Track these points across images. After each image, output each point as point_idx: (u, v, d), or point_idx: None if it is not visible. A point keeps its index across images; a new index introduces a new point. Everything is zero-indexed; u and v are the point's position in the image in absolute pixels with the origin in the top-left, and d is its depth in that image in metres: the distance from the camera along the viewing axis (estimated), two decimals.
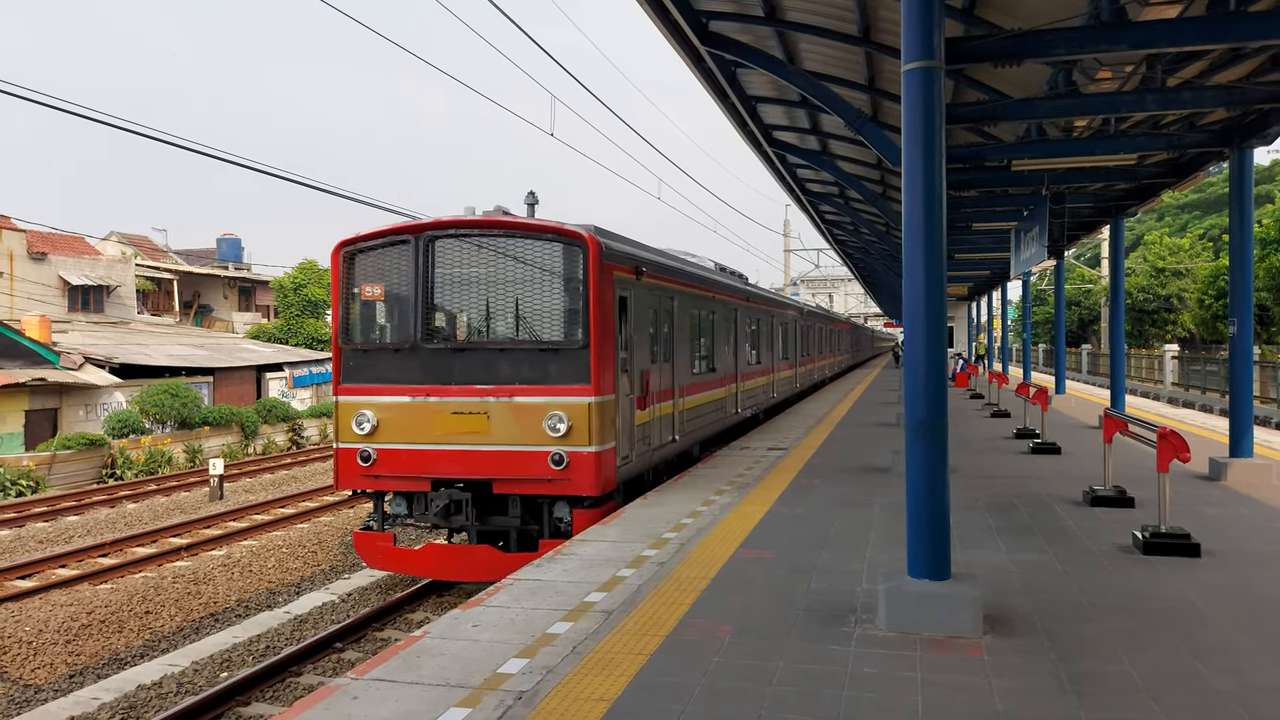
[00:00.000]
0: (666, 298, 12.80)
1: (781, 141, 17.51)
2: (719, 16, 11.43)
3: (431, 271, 10.18)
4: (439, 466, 10.05)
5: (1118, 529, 8.91)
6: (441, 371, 10.10)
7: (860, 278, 52.07)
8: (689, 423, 13.94)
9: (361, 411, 10.26)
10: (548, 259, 9.97)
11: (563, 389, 9.75)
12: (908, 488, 6.19)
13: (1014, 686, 5.00)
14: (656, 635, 5.88)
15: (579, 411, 9.69)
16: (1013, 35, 8.17)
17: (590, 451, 9.68)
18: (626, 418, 10.73)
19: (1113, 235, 19.69)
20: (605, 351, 9.94)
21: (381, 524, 10.65)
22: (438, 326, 10.27)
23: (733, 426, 18.03)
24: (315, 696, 5.03)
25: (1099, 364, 49.06)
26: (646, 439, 11.60)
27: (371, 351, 10.46)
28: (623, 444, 10.54)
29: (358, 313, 10.59)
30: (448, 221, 10.23)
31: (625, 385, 10.69)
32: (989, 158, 13.59)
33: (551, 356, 9.86)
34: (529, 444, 9.79)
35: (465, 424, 9.95)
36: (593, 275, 9.77)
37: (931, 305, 6.13)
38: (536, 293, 10.03)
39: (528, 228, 10.09)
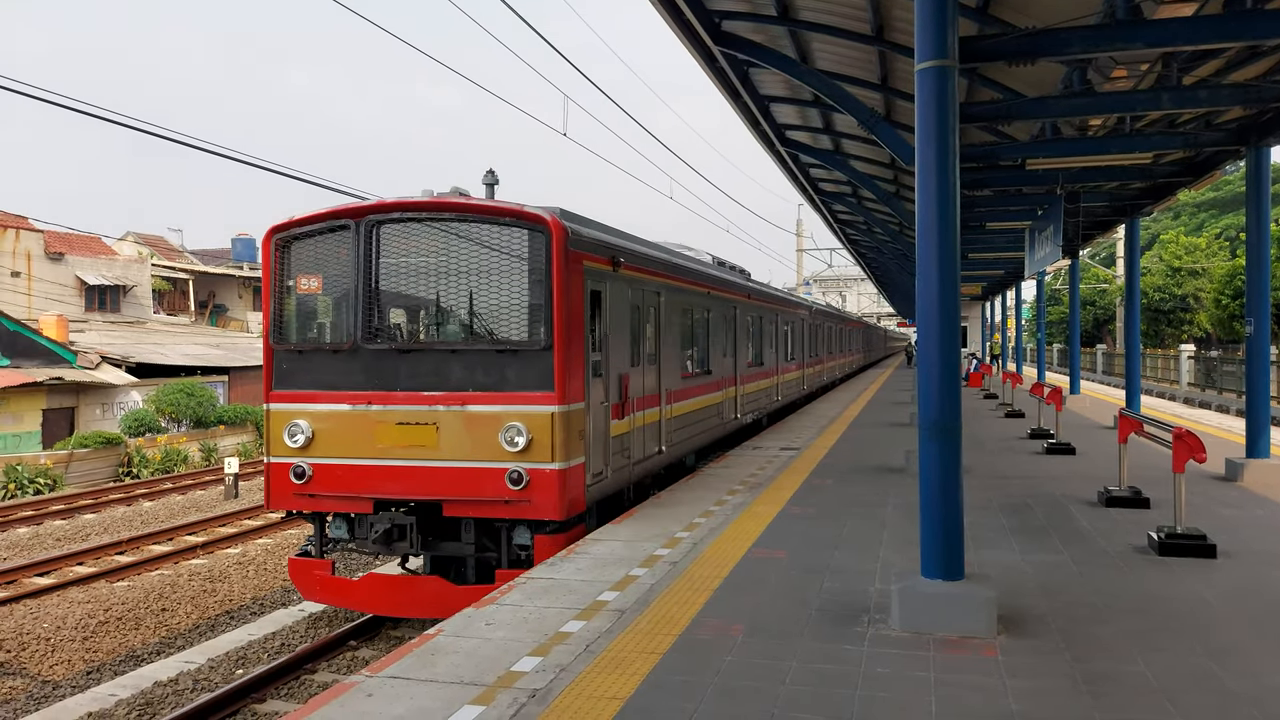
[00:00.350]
0: (651, 293, 11.66)
1: (794, 141, 17.49)
2: (731, 16, 11.43)
3: (374, 260, 8.97)
4: (382, 485, 8.85)
5: (1133, 530, 8.86)
6: (385, 376, 8.92)
7: (873, 277, 51.94)
8: (678, 431, 12.79)
9: (295, 422, 9.06)
10: (505, 246, 8.74)
11: (522, 396, 8.57)
12: (921, 488, 6.18)
13: (1028, 687, 4.99)
14: (669, 634, 5.90)
15: (540, 423, 8.49)
16: (1027, 34, 8.15)
17: (553, 469, 8.46)
18: (599, 429, 9.56)
19: (1128, 234, 19.58)
20: (572, 353, 8.78)
21: (320, 549, 9.42)
22: (381, 324, 9.03)
23: (733, 433, 17.05)
24: (330, 694, 5.07)
25: (1114, 364, 48.74)
26: (625, 451, 10.42)
27: (307, 353, 9.22)
28: (595, 459, 9.39)
29: (292, 308, 9.35)
30: (392, 204, 9.03)
31: (598, 391, 9.54)
32: (1003, 157, 13.53)
33: (510, 359, 8.68)
34: (483, 460, 8.58)
35: (411, 436, 8.77)
36: (557, 265, 8.56)
37: (945, 305, 6.11)
38: (493, 285, 8.76)
39: (481, 210, 8.85)
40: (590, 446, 9.23)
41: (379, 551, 9.21)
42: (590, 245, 9.39)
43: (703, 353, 14.59)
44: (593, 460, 9.32)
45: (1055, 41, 8.07)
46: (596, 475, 9.44)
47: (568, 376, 8.66)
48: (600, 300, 9.71)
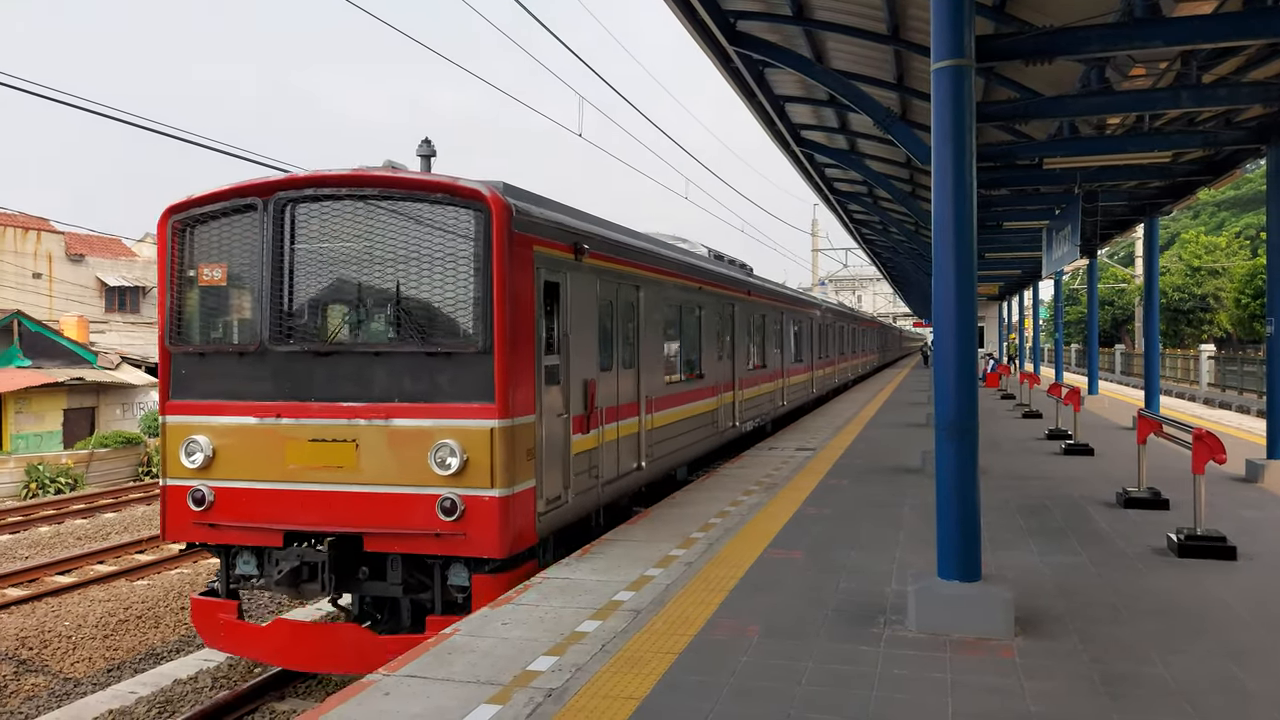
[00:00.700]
0: (628, 286, 10.37)
1: (809, 141, 17.46)
2: (747, 16, 11.43)
3: (285, 246, 7.68)
4: (293, 514, 7.55)
5: (1152, 531, 8.80)
6: (297, 383, 7.62)
7: (889, 277, 51.77)
8: (663, 444, 11.48)
9: (193, 438, 7.74)
10: (436, 227, 7.46)
11: (456, 409, 7.26)
12: (938, 488, 6.16)
13: (1046, 689, 4.97)
14: (685, 634, 5.90)
15: (477, 440, 7.17)
16: (1045, 32, 8.11)
17: (493, 496, 7.14)
18: (557, 445, 8.28)
19: (1147, 234, 19.43)
20: (519, 356, 7.47)
21: (226, 588, 8.00)
22: (293, 322, 7.68)
23: (732, 442, 15.81)
24: (348, 692, 5.10)
25: (1133, 364, 48.39)
26: (593, 470, 9.11)
27: (209, 356, 7.93)
28: (550, 481, 8.08)
29: (193, 303, 8.03)
30: (306, 178, 7.77)
31: (555, 401, 8.26)
32: (1020, 156, 13.47)
33: (442, 363, 7.36)
34: (411, 484, 7.29)
35: (327, 455, 7.46)
36: (498, 250, 7.24)
37: (962, 305, 6.10)
38: (422, 274, 7.45)
39: (408, 185, 7.56)
40: (543, 467, 7.92)
41: (286, 594, 7.94)
42: (544, 228, 8.09)
43: (694, 355, 13.44)
44: (547, 483, 7.99)
45: (1073, 40, 8.03)
46: (552, 501, 8.12)
47: (512, 384, 7.33)
48: (558, 294, 8.44)
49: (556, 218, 8.54)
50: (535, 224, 7.93)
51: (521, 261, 7.61)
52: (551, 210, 8.63)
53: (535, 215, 7.97)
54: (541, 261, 8.02)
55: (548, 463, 8.06)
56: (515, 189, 7.95)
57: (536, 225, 7.95)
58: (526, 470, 7.59)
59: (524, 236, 7.65)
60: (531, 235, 7.81)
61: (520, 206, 7.66)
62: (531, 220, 7.85)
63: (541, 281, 8.03)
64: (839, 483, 11.80)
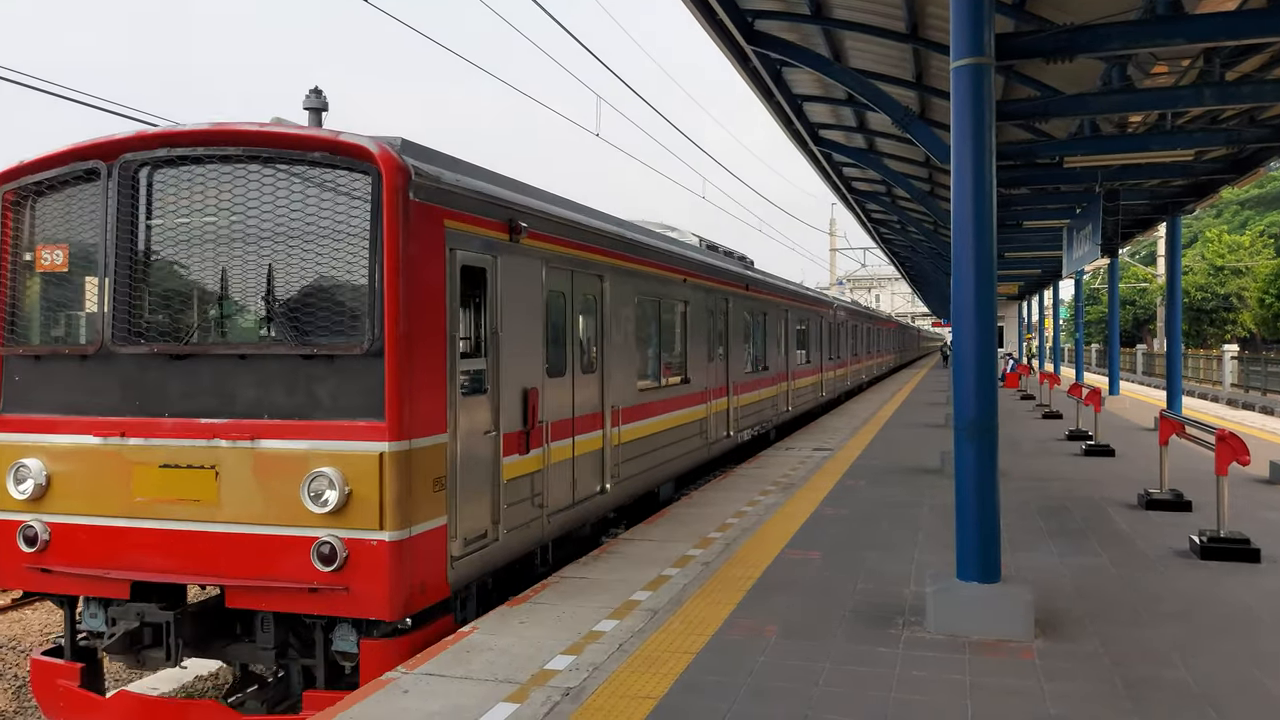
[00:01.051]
0: (588, 276, 8.90)
1: (827, 140, 17.41)
2: (765, 15, 11.40)
3: (133, 221, 6.22)
4: (140, 558, 6.05)
5: (1174, 533, 8.72)
6: (147, 394, 6.15)
7: (907, 277, 51.53)
8: (633, 461, 9.95)
9: (23, 461, 6.29)
10: (314, 196, 6.01)
11: (337, 427, 5.82)
12: (957, 489, 6.13)
13: (1066, 691, 4.93)
14: (702, 634, 5.90)
15: (362, 468, 5.72)
16: (1065, 30, 8.06)
17: (382, 540, 5.68)
18: (481, 470, 6.78)
19: (1169, 232, 19.25)
20: (421, 360, 6.00)
21: (72, 647, 6.50)
22: (143, 317, 6.21)
23: (727, 453, 14.39)
24: (367, 689, 5.13)
25: (1154, 364, 47.96)
26: (536, 498, 7.61)
27: (45, 359, 6.45)
28: (469, 516, 6.56)
29: (31, 294, 6.60)
30: (155, 135, 6.31)
31: (478, 415, 6.78)
32: (1040, 155, 13.38)
33: (322, 370, 5.90)
34: (281, 524, 5.82)
35: (182, 485, 5.99)
36: (392, 223, 5.80)
37: (981, 304, 6.07)
38: (298, 256, 6.00)
39: (277, 141, 6.07)
40: (459, 498, 6.41)
41: (126, 662, 6.50)
42: (463, 198, 6.59)
43: (677, 356, 11.98)
44: (464, 519, 6.49)
45: (1094, 38, 7.97)
46: (474, 540, 6.64)
47: (410, 395, 5.85)
48: (485, 282, 6.94)
49: (481, 187, 6.92)
50: (448, 193, 6.40)
51: (426, 239, 6.12)
52: (475, 177, 7.00)
53: (448, 182, 6.41)
54: (458, 240, 6.48)
55: (466, 493, 6.53)
56: (421, 148, 6.41)
57: (450, 194, 6.43)
58: (433, 505, 6.09)
59: (430, 208, 6.17)
60: (443, 206, 6.33)
61: (425, 169, 6.15)
62: (442, 188, 6.32)
63: (457, 265, 6.49)
64: (857, 483, 11.76)
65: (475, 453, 6.73)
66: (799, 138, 16.78)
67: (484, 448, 6.88)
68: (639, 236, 10.51)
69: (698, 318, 12.65)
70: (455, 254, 6.49)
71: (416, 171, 6.05)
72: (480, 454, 6.81)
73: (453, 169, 6.69)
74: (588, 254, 8.86)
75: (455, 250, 6.48)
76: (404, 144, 6.17)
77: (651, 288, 10.75)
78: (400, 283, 5.85)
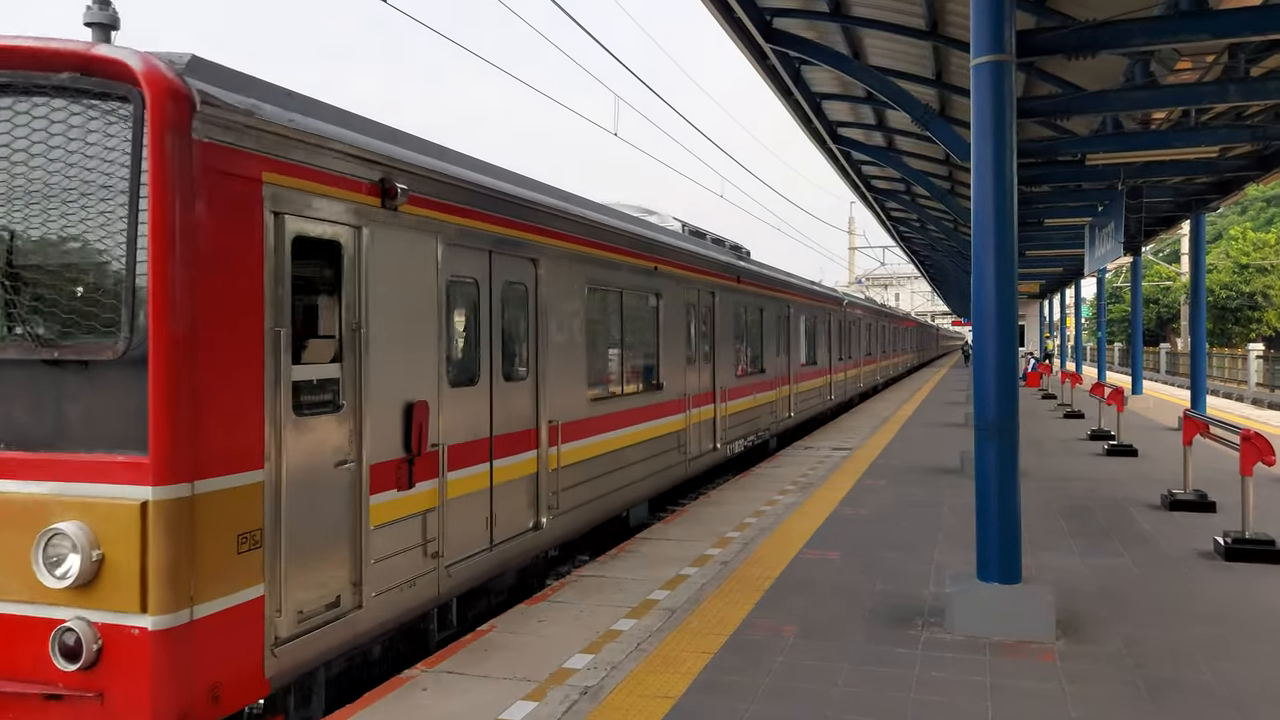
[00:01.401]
0: (513, 260, 7.15)
1: (846, 138, 17.33)
2: (783, 14, 11.36)
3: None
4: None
5: (1198, 534, 8.62)
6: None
7: (927, 275, 51.25)
8: (581, 487, 8.33)
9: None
10: (63, 132, 4.40)
11: (85, 464, 4.26)
12: (977, 489, 6.10)
13: (1088, 694, 4.89)
14: (720, 634, 5.89)
15: (117, 522, 4.15)
16: (1087, 26, 7.98)
17: (147, 628, 4.10)
18: (337, 514, 5.19)
19: (1193, 230, 19.05)
20: (216, 368, 4.41)
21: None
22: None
23: (715, 467, 13.05)
24: (386, 687, 5.16)
25: (1178, 364, 47.45)
26: (431, 544, 5.97)
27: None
28: (311, 580, 4.98)
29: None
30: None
31: (331, 441, 5.17)
32: (1062, 152, 13.24)
33: (73, 381, 4.35)
34: (9, 599, 4.28)
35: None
36: (161, 171, 4.19)
37: (1002, 303, 6.03)
38: (43, 219, 4.46)
39: (13, 57, 4.39)
40: (288, 557, 4.79)
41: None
42: (298, 146, 4.95)
43: (646, 359, 10.43)
44: (299, 585, 4.88)
45: (1117, 34, 7.88)
46: (317, 613, 5.01)
47: (193, 418, 4.26)
48: (339, 261, 5.28)
49: (329, 131, 5.17)
50: (271, 135, 4.74)
51: (227, 196, 4.49)
52: (323, 118, 5.26)
53: (269, 121, 4.71)
54: (289, 202, 4.89)
55: (302, 549, 4.90)
56: (225, 71, 4.72)
57: (276, 138, 4.78)
58: (237, 571, 4.46)
59: (235, 154, 4.53)
60: (260, 153, 4.69)
61: (223, 99, 4.44)
62: (259, 127, 4.66)
63: (287, 236, 4.87)
64: (876, 483, 11.70)
65: (319, 492, 5.05)
66: (818, 136, 16.71)
67: (335, 484, 5.15)
68: (590, 213, 8.71)
69: (674, 313, 11.10)
70: (283, 221, 4.83)
71: (206, 100, 4.30)
72: (328, 493, 5.12)
73: (283, 104, 4.97)
74: (514, 231, 7.14)
75: (283, 216, 4.83)
76: (192, 62, 4.42)
77: (609, 276, 9.14)
78: (174, 258, 4.17)
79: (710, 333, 12.60)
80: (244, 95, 4.68)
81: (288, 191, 4.89)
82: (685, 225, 13.02)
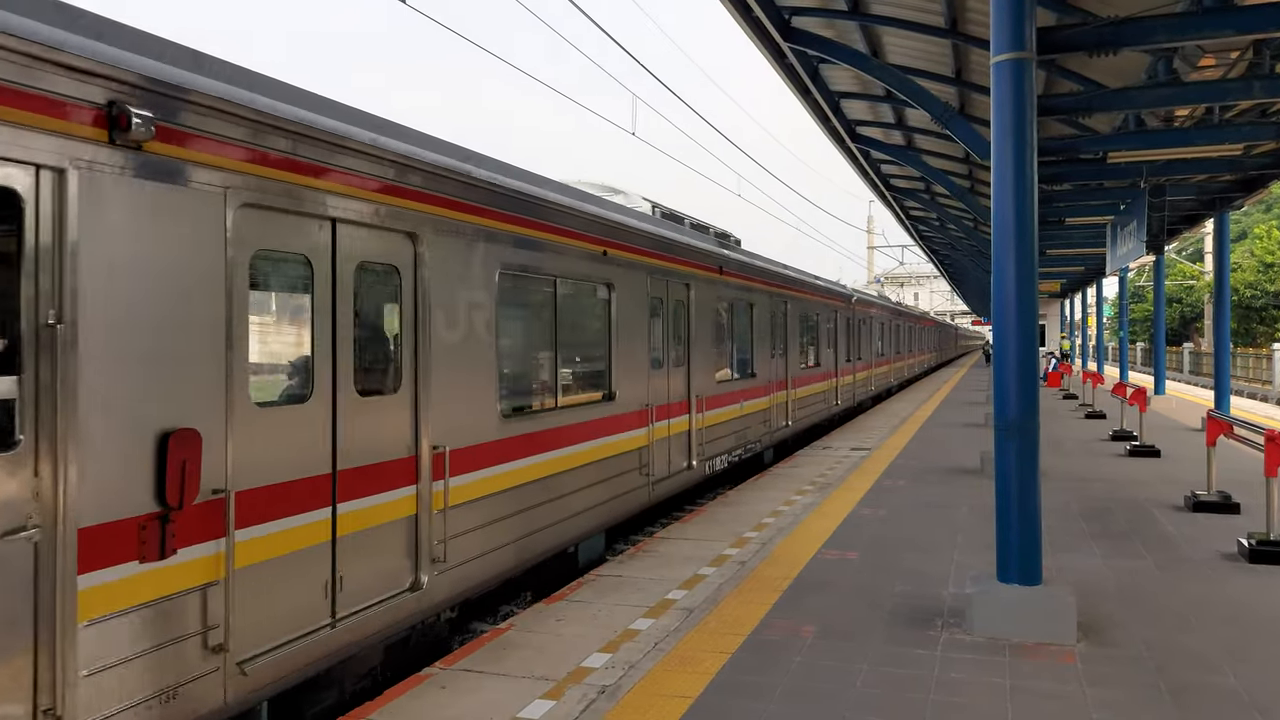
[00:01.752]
0: (376, 234, 5.52)
1: (865, 137, 17.27)
2: (801, 12, 11.34)
3: None
4: None
5: (1221, 536, 8.53)
6: None
7: (946, 275, 50.96)
8: (495, 526, 6.68)
9: None
10: None
11: None
12: (997, 489, 6.06)
13: (1109, 697, 4.85)
14: (738, 634, 5.88)
15: None
16: (1109, 23, 7.92)
17: None
18: (7, 609, 3.53)
19: (1217, 229, 18.86)
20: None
21: None
22: None
23: (692, 487, 11.39)
24: (405, 685, 5.18)
25: (1201, 364, 46.96)
26: (213, 632, 4.34)
27: None
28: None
29: None
30: None
31: (2, 490, 3.53)
32: (1083, 150, 13.14)
33: None
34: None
35: None
36: None
37: (1022, 302, 6.00)
38: None
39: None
40: None
41: None
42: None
43: (590, 364, 8.77)
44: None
45: (1139, 30, 7.82)
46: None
47: None
48: (19, 218, 3.69)
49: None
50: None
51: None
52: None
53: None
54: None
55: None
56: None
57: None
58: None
59: None
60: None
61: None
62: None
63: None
64: (895, 483, 11.65)
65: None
66: (836, 135, 16.66)
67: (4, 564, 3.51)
68: (505, 179, 6.91)
69: (633, 308, 9.29)
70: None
71: None
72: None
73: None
74: (375, 196, 5.45)
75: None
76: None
77: (535, 260, 7.36)
78: None
79: (686, 332, 10.91)
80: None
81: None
82: (656, 207, 11.11)
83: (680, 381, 10.75)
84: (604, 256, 8.59)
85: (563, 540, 7.80)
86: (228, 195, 4.47)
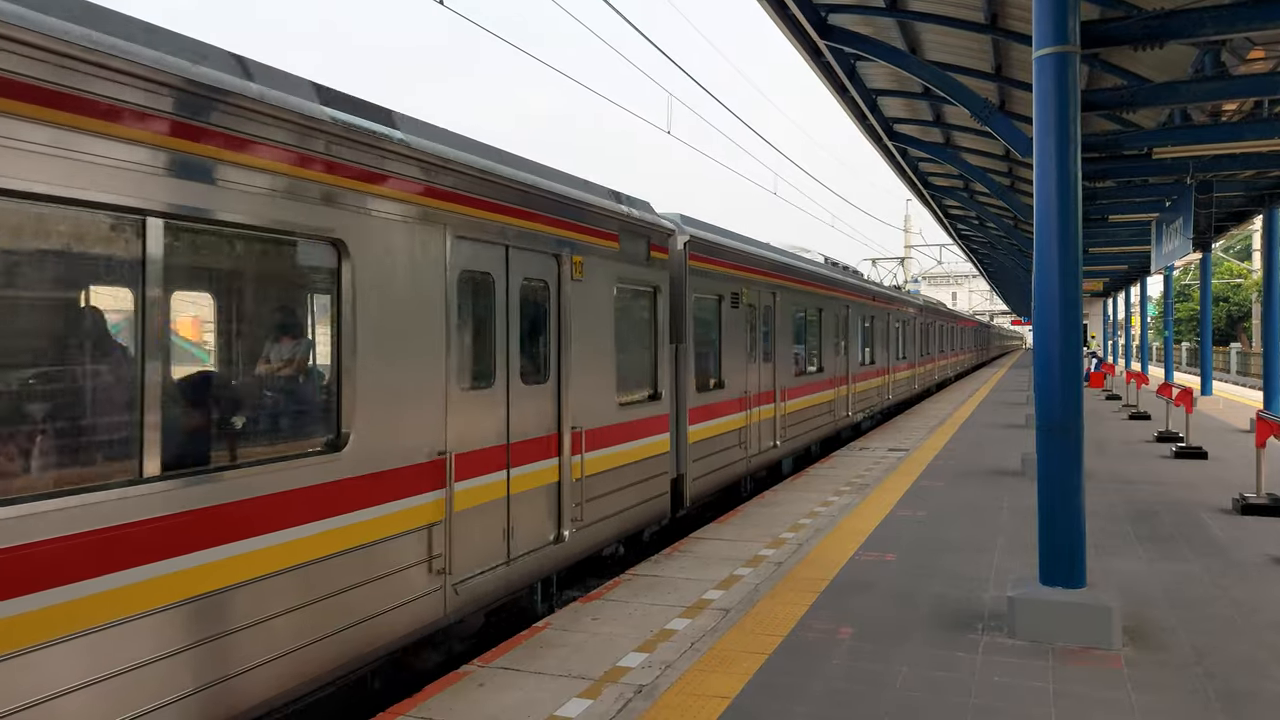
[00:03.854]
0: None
1: (902, 135, 17.11)
2: (838, 9, 11.26)
3: None
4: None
5: (1271, 539, 8.33)
6: None
7: (985, 274, 50.33)
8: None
9: None
10: None
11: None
12: (1039, 491, 5.97)
13: (1156, 703, 4.75)
14: (775, 634, 5.85)
15: None
16: (1155, 15, 7.76)
17: None
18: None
19: (1266, 225, 18.43)
20: None
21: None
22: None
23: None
24: (444, 682, 5.22)
25: (1249, 364, 45.87)
26: None
27: None
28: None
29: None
30: None
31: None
32: (1127, 146, 12.89)
33: None
34: None
35: None
36: None
37: (1065, 302, 5.90)
38: None
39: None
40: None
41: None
42: None
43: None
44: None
45: (1186, 23, 7.65)
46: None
47: None
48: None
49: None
50: None
51: None
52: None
53: None
54: None
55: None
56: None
57: None
58: None
59: None
60: None
61: None
62: None
63: None
64: (933, 484, 11.52)
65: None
66: (873, 133, 16.53)
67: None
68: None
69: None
70: None
71: None
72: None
73: None
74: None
75: None
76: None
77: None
78: None
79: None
80: None
81: None
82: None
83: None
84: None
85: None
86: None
